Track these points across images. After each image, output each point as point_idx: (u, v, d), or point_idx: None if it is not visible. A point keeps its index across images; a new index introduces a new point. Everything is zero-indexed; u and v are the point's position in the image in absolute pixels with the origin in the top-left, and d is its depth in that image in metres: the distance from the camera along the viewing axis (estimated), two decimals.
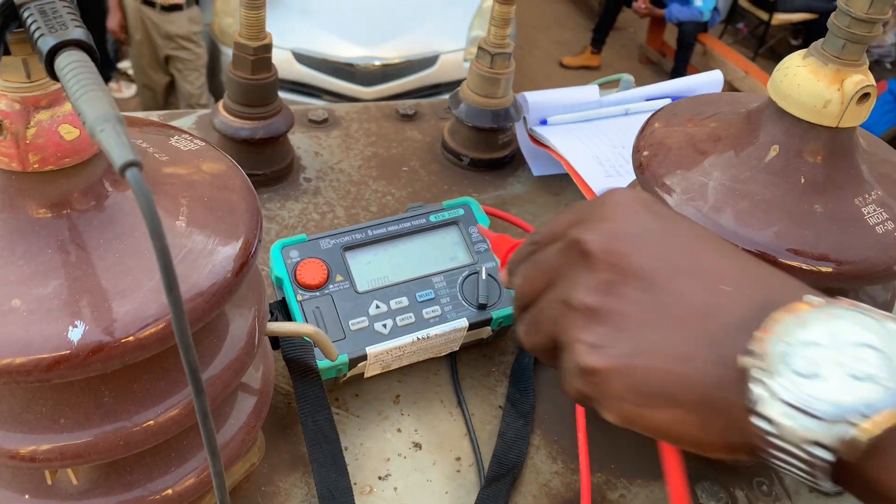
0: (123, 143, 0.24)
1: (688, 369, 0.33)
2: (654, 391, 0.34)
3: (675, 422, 0.33)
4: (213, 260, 0.37)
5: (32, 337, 0.33)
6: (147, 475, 0.43)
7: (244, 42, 0.71)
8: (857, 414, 0.28)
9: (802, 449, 0.29)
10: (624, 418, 0.35)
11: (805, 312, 0.31)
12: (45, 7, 0.28)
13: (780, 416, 0.29)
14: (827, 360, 0.29)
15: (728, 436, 0.33)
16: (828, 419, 0.29)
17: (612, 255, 0.36)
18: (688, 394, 0.33)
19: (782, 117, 0.48)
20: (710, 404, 0.33)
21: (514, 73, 0.81)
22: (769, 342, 0.31)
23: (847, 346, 0.30)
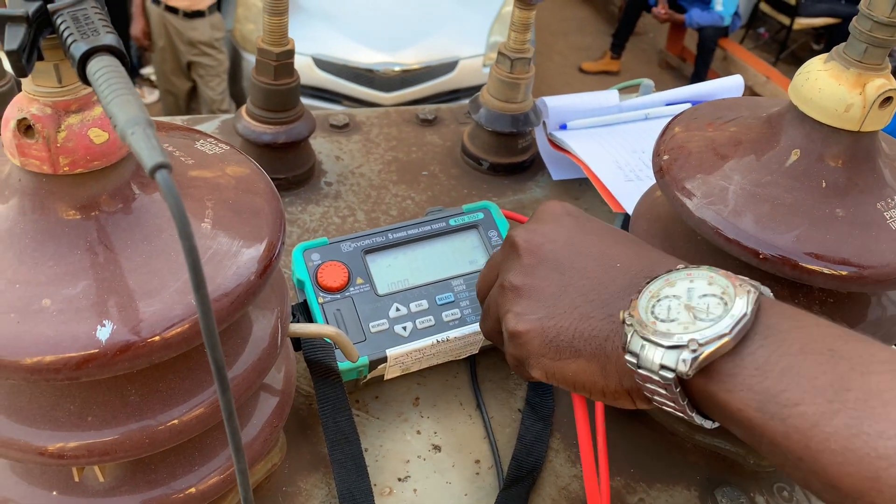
0: (153, 145, 0.24)
1: (586, 326, 0.42)
2: (563, 346, 0.43)
3: (582, 371, 0.43)
4: (237, 261, 0.38)
5: (62, 336, 0.34)
6: (171, 473, 0.43)
7: (267, 48, 0.72)
8: (691, 341, 0.36)
9: (657, 373, 0.37)
10: (546, 372, 0.44)
11: (672, 275, 0.40)
12: (78, 13, 0.28)
13: (641, 350, 0.38)
14: (681, 307, 0.38)
15: (623, 381, 0.41)
16: (669, 346, 0.37)
17: (531, 245, 0.47)
18: (587, 346, 0.42)
19: (803, 121, 0.48)
20: (604, 353, 0.42)
21: (533, 78, 0.81)
22: (642, 299, 0.40)
23: (698, 297, 0.38)
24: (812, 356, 0.35)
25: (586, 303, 0.43)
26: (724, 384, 0.36)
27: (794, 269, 0.45)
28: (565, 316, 0.43)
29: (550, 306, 0.44)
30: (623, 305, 0.42)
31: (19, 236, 0.36)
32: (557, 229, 0.48)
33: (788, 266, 0.45)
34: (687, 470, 0.59)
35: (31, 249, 0.36)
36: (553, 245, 0.47)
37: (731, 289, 0.38)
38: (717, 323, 0.37)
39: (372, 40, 3.39)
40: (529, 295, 0.45)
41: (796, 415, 0.34)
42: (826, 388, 0.34)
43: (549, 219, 0.49)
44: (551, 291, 0.45)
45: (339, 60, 3.31)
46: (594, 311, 0.43)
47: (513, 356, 0.46)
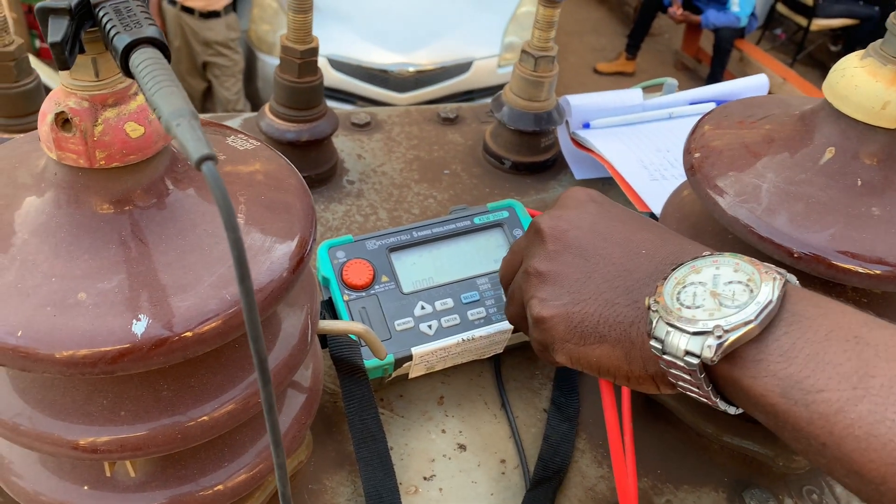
0: (199, 137, 0.24)
1: (611, 312, 0.43)
2: (587, 331, 0.43)
3: (606, 356, 0.43)
4: (270, 257, 0.38)
5: (97, 330, 0.34)
6: (201, 469, 0.43)
7: (291, 45, 0.72)
8: (716, 327, 0.37)
9: (682, 359, 0.38)
10: (570, 357, 0.45)
11: (698, 262, 0.40)
12: (120, 6, 0.28)
13: (666, 336, 0.38)
14: (706, 294, 0.39)
15: (647, 366, 0.41)
16: (694, 332, 0.37)
17: (556, 231, 0.47)
18: (612, 331, 0.43)
19: (838, 119, 0.47)
20: (629, 339, 0.42)
21: (557, 77, 0.81)
22: (667, 285, 0.40)
23: (724, 284, 0.39)
24: (837, 343, 0.35)
25: (611, 289, 0.44)
26: (748, 370, 0.37)
27: (829, 267, 0.45)
28: (590, 302, 0.44)
29: (575, 292, 0.45)
30: (648, 292, 0.42)
31: (55, 230, 0.36)
32: (582, 215, 0.48)
33: (823, 265, 0.45)
34: (715, 471, 0.58)
35: (67, 243, 0.36)
36: (578, 231, 0.47)
37: (757, 275, 0.38)
38: (743, 309, 0.37)
39: (386, 41, 3.39)
40: (554, 281, 0.46)
41: (820, 401, 0.34)
42: (851, 375, 0.34)
43: (574, 205, 0.49)
44: (576, 277, 0.45)
45: (354, 61, 3.32)
46: (619, 297, 0.43)
47: (537, 341, 0.47)
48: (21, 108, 0.68)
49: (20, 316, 0.33)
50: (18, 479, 0.44)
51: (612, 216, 0.48)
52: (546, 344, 0.46)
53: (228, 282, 0.36)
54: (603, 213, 0.48)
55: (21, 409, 0.38)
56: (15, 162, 0.39)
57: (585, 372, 0.45)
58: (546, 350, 0.47)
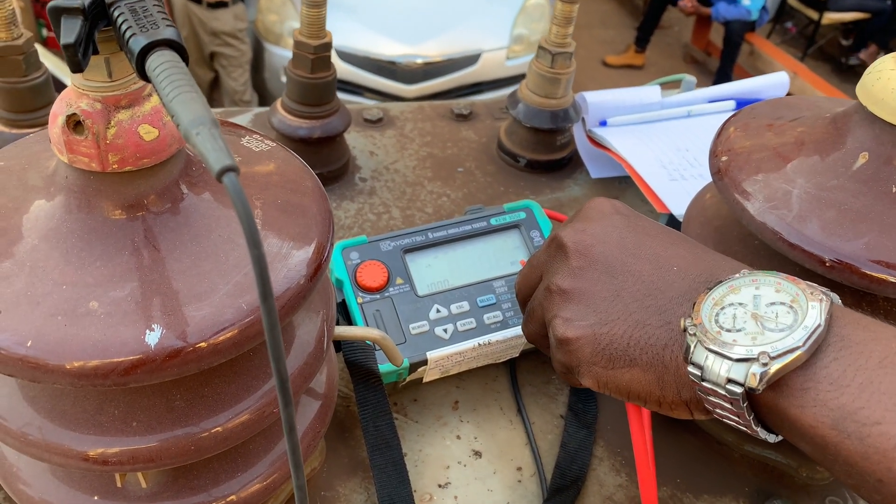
0: (220, 147, 0.23)
1: (642, 334, 0.40)
2: (616, 354, 0.41)
3: (637, 381, 0.40)
4: (287, 264, 0.37)
5: (110, 340, 0.32)
6: (213, 480, 0.42)
7: (304, 40, 0.70)
8: (762, 354, 0.35)
9: (723, 387, 0.36)
10: (597, 381, 0.42)
11: (736, 281, 0.38)
12: (136, 6, 0.27)
13: (706, 361, 0.36)
14: (747, 316, 0.37)
15: (681, 391, 0.39)
16: (738, 358, 0.35)
17: (580, 246, 0.45)
18: (643, 354, 0.40)
19: (873, 123, 0.45)
20: (661, 362, 0.39)
21: (574, 73, 0.79)
22: (704, 306, 0.38)
23: (765, 305, 0.37)
24: (892, 370, 0.33)
25: (642, 309, 0.41)
26: (795, 399, 0.35)
27: (862, 277, 0.43)
28: (619, 322, 0.41)
29: (602, 312, 0.42)
30: (682, 312, 0.40)
31: (66, 235, 0.35)
32: (608, 229, 0.45)
33: (856, 275, 0.43)
34: (735, 481, 0.57)
35: (78, 249, 0.34)
36: (604, 246, 0.44)
37: (802, 296, 0.36)
38: (790, 334, 0.35)
39: (395, 32, 3.37)
40: (579, 299, 0.43)
41: (876, 434, 0.32)
42: None
43: (598, 217, 0.46)
44: (603, 296, 0.42)
45: (362, 52, 3.30)
46: (650, 317, 0.41)
47: (561, 363, 0.44)
48: (29, 103, 0.67)
49: (30, 325, 0.32)
50: (26, 487, 0.43)
51: (640, 230, 0.45)
52: (571, 367, 0.43)
53: (245, 290, 0.35)
54: (630, 227, 0.45)
55: (31, 418, 0.37)
56: (24, 163, 0.38)
57: (613, 396, 0.43)
58: (570, 373, 0.44)
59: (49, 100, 0.68)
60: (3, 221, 0.35)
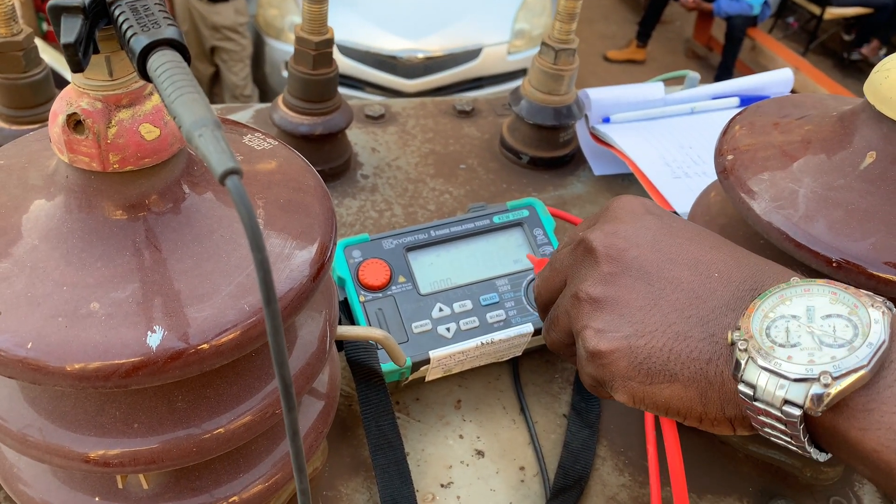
0: (223, 149, 0.23)
1: (683, 347, 0.37)
2: (655, 368, 0.38)
3: (677, 397, 0.37)
4: (290, 264, 0.36)
5: (111, 342, 0.32)
6: (215, 481, 0.42)
7: (306, 37, 0.70)
8: (822, 373, 0.32)
9: (778, 409, 0.33)
10: (633, 397, 0.39)
11: (787, 290, 0.36)
12: (137, 4, 0.27)
13: (759, 380, 0.33)
14: (802, 330, 0.34)
15: (726, 408, 0.36)
16: (796, 378, 0.33)
17: (612, 250, 0.41)
18: (685, 369, 0.37)
19: (881, 122, 0.45)
20: (705, 378, 0.37)
21: (577, 70, 0.78)
22: (754, 318, 0.35)
23: (821, 318, 0.34)
24: None
25: (682, 319, 0.38)
26: (857, 420, 0.32)
27: (870, 278, 0.43)
28: (658, 334, 0.38)
29: (639, 322, 0.39)
30: (726, 324, 0.37)
31: (66, 236, 0.34)
32: (640, 231, 0.42)
33: (863, 275, 0.43)
34: (739, 481, 0.56)
35: (79, 250, 0.34)
36: (638, 250, 0.41)
37: (862, 308, 0.33)
38: (852, 352, 0.32)
39: (395, 27, 3.36)
40: (612, 308, 0.40)
41: None
42: None
43: (629, 218, 0.43)
44: (639, 305, 0.39)
45: (363, 47, 3.29)
46: (692, 329, 0.37)
47: (592, 377, 0.41)
48: (29, 99, 0.66)
49: (30, 326, 0.32)
50: (27, 487, 0.42)
51: (675, 231, 0.42)
52: (603, 381, 0.40)
53: (247, 291, 0.34)
54: (664, 229, 0.42)
55: (31, 419, 0.37)
56: (24, 162, 0.38)
57: (649, 412, 0.40)
58: (601, 386, 0.41)
59: (49, 96, 0.68)
60: (3, 221, 0.35)
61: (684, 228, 0.42)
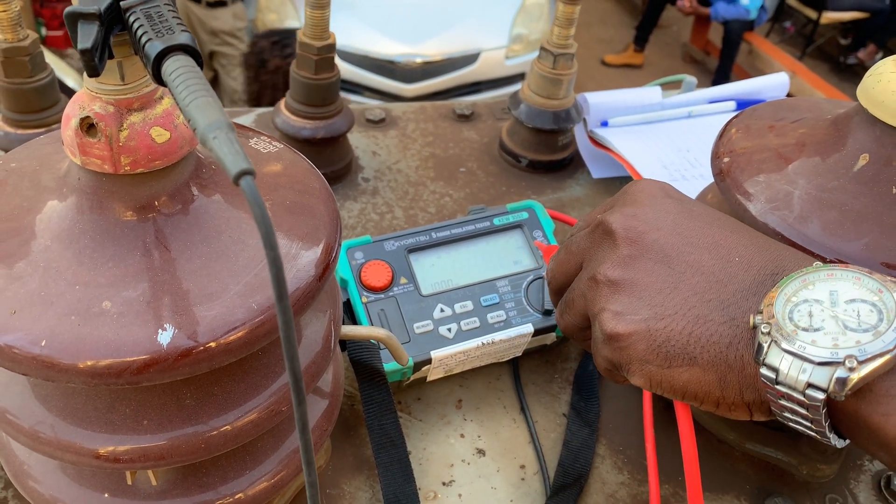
0: (237, 150, 0.23)
1: (703, 330, 0.37)
2: (674, 352, 0.37)
3: (696, 381, 0.37)
4: (296, 265, 0.37)
5: (123, 339, 0.33)
6: (222, 477, 0.43)
7: (308, 41, 0.71)
8: (847, 357, 0.32)
9: (802, 393, 0.33)
10: (650, 380, 0.39)
11: (810, 275, 0.36)
12: (151, 11, 0.28)
13: (782, 364, 0.33)
14: (826, 314, 0.34)
15: (745, 392, 0.36)
16: (821, 362, 0.32)
17: (631, 232, 0.41)
18: (704, 353, 0.37)
19: (873, 125, 0.46)
20: (725, 362, 0.36)
21: (576, 74, 0.79)
22: (777, 302, 0.35)
23: (845, 302, 0.34)
24: None
25: (703, 303, 0.38)
26: (880, 405, 0.32)
27: None
28: (677, 317, 0.38)
29: (658, 305, 0.39)
30: (747, 307, 0.37)
31: (78, 236, 0.35)
32: (660, 214, 0.41)
33: None
34: (736, 479, 0.57)
35: (91, 250, 0.35)
36: (658, 233, 0.40)
37: (887, 293, 0.33)
38: (878, 337, 0.32)
39: (394, 31, 3.37)
40: (631, 291, 0.39)
41: None
42: None
43: (648, 201, 0.42)
44: (658, 287, 0.39)
45: (361, 51, 3.30)
46: (713, 312, 0.37)
47: (607, 359, 0.41)
48: (35, 103, 0.67)
49: (44, 325, 0.33)
50: (37, 484, 0.43)
51: (696, 215, 0.41)
52: (619, 364, 0.40)
53: (255, 290, 0.35)
54: (685, 212, 0.41)
55: (43, 416, 0.38)
56: (36, 164, 0.39)
57: (665, 396, 0.39)
58: (616, 370, 0.41)
59: (54, 100, 0.69)
60: (17, 222, 0.36)
61: (704, 212, 0.42)
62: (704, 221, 0.41)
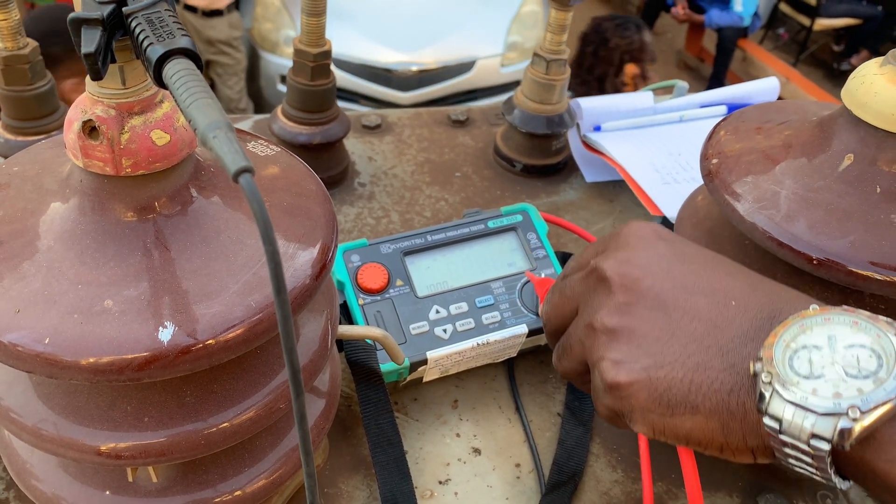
0: (236, 149, 0.24)
1: (704, 378, 0.37)
2: (675, 400, 0.37)
3: (699, 428, 0.37)
4: (293, 264, 0.38)
5: (124, 337, 0.34)
6: (221, 475, 0.43)
7: (304, 48, 0.72)
8: (850, 407, 0.32)
9: (806, 443, 0.33)
10: (653, 429, 0.39)
11: (807, 319, 0.35)
12: (152, 16, 0.28)
13: (785, 414, 0.33)
14: (825, 360, 0.34)
15: (748, 439, 0.36)
16: (825, 413, 0.32)
17: (626, 279, 0.40)
18: (706, 401, 0.37)
19: (857, 125, 0.47)
20: (727, 409, 0.36)
21: (569, 80, 0.81)
22: (775, 348, 0.35)
23: (843, 348, 0.34)
24: None
25: (701, 350, 0.37)
26: (884, 452, 0.32)
27: (848, 275, 0.45)
28: (677, 365, 0.38)
29: (657, 353, 0.38)
30: (747, 353, 0.37)
31: (80, 237, 0.36)
32: (653, 258, 0.41)
33: (843, 272, 0.45)
34: (728, 476, 0.58)
35: (93, 250, 0.36)
36: (652, 279, 0.40)
37: (885, 338, 0.33)
38: (880, 385, 0.32)
39: (390, 40, 3.39)
40: (629, 339, 0.39)
41: None
42: None
43: (640, 244, 0.42)
44: (656, 335, 0.39)
45: (357, 60, 3.32)
46: (712, 359, 0.37)
47: (609, 408, 0.40)
48: (35, 110, 0.68)
49: (47, 323, 0.34)
50: (39, 482, 0.44)
51: (688, 258, 0.41)
52: (622, 412, 0.40)
53: (253, 289, 0.36)
54: (677, 255, 0.41)
55: (45, 414, 0.38)
56: (39, 168, 0.40)
57: (669, 442, 0.39)
58: (619, 417, 0.41)
59: (54, 107, 0.70)
60: (20, 223, 0.36)
61: (697, 254, 0.42)
62: (698, 263, 0.41)
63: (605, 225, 0.81)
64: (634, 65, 2.72)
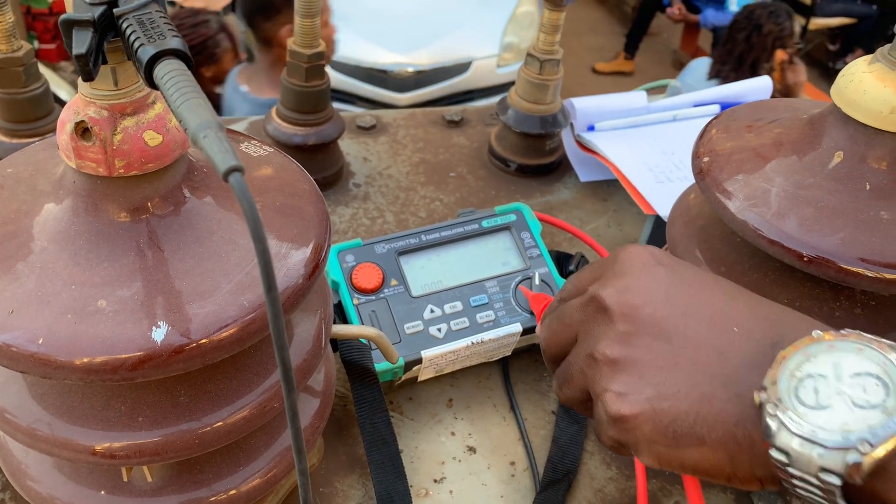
0: (226, 149, 0.24)
1: (709, 409, 0.36)
2: (681, 432, 0.36)
3: (706, 459, 0.36)
4: (286, 264, 0.38)
5: (118, 337, 0.34)
6: (216, 474, 0.44)
7: (298, 49, 0.72)
8: (860, 440, 0.31)
9: (816, 476, 0.32)
10: (659, 460, 0.38)
11: (811, 347, 0.34)
12: (143, 17, 0.29)
13: (794, 448, 0.32)
14: (832, 390, 0.33)
15: (756, 469, 0.35)
16: (834, 447, 0.31)
17: (626, 308, 0.40)
18: (712, 432, 0.36)
19: (846, 123, 0.47)
20: (734, 440, 0.35)
21: (562, 80, 0.81)
22: (780, 377, 0.34)
23: (849, 377, 0.33)
24: None
25: (706, 380, 0.37)
26: (894, 483, 0.31)
27: (839, 271, 0.45)
28: (681, 396, 0.37)
29: (661, 384, 0.37)
30: (752, 382, 0.36)
31: (74, 237, 0.36)
32: (652, 285, 0.40)
33: (833, 268, 0.45)
34: None
35: (86, 251, 0.36)
36: (652, 307, 0.39)
37: (892, 366, 0.33)
38: (890, 416, 0.31)
39: (386, 41, 3.39)
40: (632, 370, 0.38)
41: None
42: None
43: (639, 271, 0.41)
44: (659, 365, 0.38)
45: (353, 61, 3.32)
46: (717, 389, 0.36)
47: (615, 440, 0.39)
48: (29, 113, 0.68)
49: (41, 323, 0.34)
50: (34, 483, 0.44)
51: (687, 282, 0.40)
52: (627, 444, 0.39)
53: (246, 288, 0.36)
54: (676, 280, 0.40)
55: (40, 414, 0.39)
56: (32, 169, 0.40)
57: (676, 472, 0.38)
58: (624, 448, 0.40)
59: (48, 110, 0.70)
60: (14, 225, 0.37)
61: (695, 278, 0.41)
62: (697, 288, 0.40)
63: (599, 224, 0.81)
64: (783, 51, 2.75)
